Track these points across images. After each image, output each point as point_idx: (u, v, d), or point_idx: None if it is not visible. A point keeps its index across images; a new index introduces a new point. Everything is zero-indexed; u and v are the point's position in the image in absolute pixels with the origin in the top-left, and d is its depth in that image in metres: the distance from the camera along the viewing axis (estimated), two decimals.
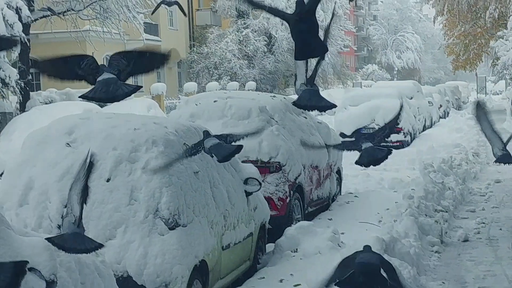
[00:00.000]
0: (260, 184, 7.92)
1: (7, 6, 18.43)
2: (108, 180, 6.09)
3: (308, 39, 3.20)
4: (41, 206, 6.07)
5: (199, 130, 7.14)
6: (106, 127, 6.44)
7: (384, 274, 3.53)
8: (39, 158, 6.31)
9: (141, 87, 3.47)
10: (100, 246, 3.57)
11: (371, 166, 4.00)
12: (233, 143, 3.82)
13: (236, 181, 7.55)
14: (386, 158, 3.87)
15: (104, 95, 3.15)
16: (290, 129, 10.21)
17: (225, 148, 3.78)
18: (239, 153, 3.88)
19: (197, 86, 36.92)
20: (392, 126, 4.26)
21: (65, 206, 3.66)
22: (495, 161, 4.74)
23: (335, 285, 3.55)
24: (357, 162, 3.83)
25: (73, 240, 3.54)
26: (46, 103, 24.60)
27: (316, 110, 3.87)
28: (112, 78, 3.12)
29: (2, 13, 18.17)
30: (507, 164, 4.82)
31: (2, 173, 7.26)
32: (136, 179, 6.08)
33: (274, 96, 10.97)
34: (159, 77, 43.08)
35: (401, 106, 4.61)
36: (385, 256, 7.60)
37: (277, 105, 10.33)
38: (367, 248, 3.66)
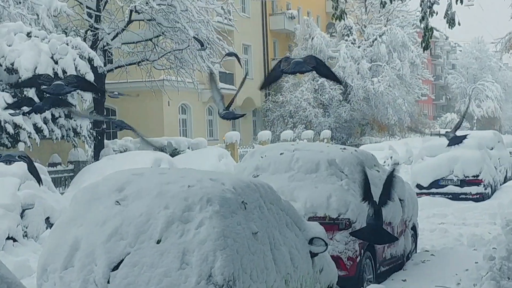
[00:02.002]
0: (327, 244, 7.34)
1: (80, 57, 18.61)
2: (158, 242, 5.65)
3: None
4: (86, 269, 5.65)
5: (259, 187, 6.67)
6: (158, 184, 6.03)
7: None
8: (86, 216, 5.94)
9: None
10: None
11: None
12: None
13: (300, 241, 7.00)
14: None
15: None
16: (361, 184, 9.63)
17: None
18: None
19: (271, 134, 36.70)
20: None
21: None
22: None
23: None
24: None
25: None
26: (121, 152, 24.69)
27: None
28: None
29: (74, 63, 18.34)
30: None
31: None
32: (188, 241, 5.61)
33: (344, 149, 10.41)
34: (234, 126, 43.11)
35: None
36: None
37: (347, 158, 9.77)
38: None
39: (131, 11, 24.55)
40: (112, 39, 25.13)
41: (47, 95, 5.24)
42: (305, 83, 45.55)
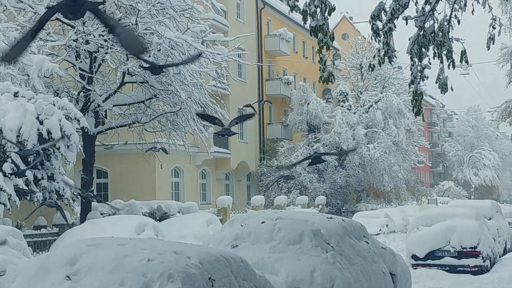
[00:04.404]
0: None
1: (66, 117, 18.14)
2: None
3: None
4: None
5: (231, 261, 6.05)
6: (115, 257, 5.40)
7: None
8: None
9: None
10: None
11: None
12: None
13: None
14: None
15: None
16: (348, 256, 8.98)
17: None
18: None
19: (264, 199, 36.09)
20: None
21: None
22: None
23: None
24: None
25: None
26: (109, 215, 24.08)
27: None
28: None
29: (60, 124, 17.87)
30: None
31: None
32: None
33: (330, 218, 9.79)
34: (227, 190, 42.51)
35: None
36: None
37: (334, 228, 9.16)
38: None
39: (124, 73, 24.24)
40: (104, 101, 24.76)
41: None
42: (300, 148, 45.20)
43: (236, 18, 43.05)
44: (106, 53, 23.36)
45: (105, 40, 23.18)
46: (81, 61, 24.60)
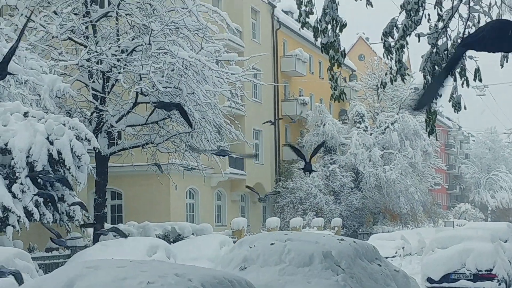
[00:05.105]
0: None
1: (76, 138, 17.99)
2: None
3: None
4: None
5: (235, 284, 5.82)
6: (113, 279, 5.20)
7: None
8: None
9: None
10: None
11: None
12: None
13: None
14: None
15: None
16: (359, 279, 8.72)
17: None
18: None
19: (279, 221, 35.81)
20: None
21: None
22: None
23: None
24: None
25: None
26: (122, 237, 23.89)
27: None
28: None
29: (70, 144, 17.72)
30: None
31: None
32: None
33: (341, 240, 9.54)
34: (243, 211, 42.25)
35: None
36: None
37: (345, 250, 8.91)
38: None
39: (137, 93, 24.13)
40: (117, 122, 24.62)
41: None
42: (316, 170, 44.93)
43: (252, 39, 43.06)
44: (119, 73, 23.27)
45: (118, 60, 23.12)
46: (93, 81, 24.53)
